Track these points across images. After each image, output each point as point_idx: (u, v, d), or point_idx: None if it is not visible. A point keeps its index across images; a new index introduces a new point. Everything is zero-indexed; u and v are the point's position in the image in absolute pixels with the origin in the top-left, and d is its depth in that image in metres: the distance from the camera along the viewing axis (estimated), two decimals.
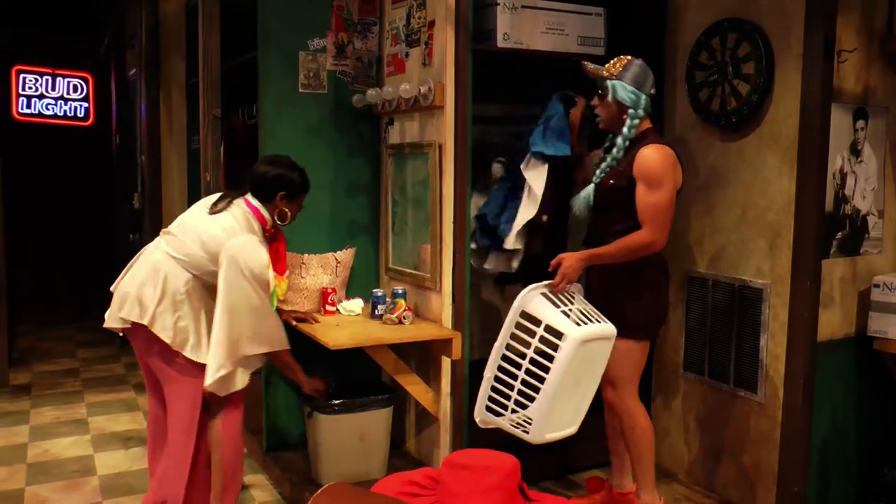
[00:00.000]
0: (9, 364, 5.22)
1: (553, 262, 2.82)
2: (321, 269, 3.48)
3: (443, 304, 3.22)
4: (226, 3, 3.56)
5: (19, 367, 5.53)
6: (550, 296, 2.71)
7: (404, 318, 3.23)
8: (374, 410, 3.28)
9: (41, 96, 7.02)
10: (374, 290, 3.40)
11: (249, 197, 2.80)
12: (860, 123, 3.29)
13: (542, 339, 2.58)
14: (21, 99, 6.77)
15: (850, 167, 3.29)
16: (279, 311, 2.94)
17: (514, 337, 2.66)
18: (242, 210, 2.77)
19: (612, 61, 2.93)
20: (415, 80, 3.32)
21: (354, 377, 3.47)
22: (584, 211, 3.01)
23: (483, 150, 3.57)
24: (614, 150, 2.92)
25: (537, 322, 2.62)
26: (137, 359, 2.88)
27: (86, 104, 7.25)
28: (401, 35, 3.47)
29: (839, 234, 3.29)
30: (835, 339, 3.31)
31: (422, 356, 3.36)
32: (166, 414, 2.84)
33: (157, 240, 2.80)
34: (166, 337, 2.66)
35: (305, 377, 3.02)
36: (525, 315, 2.65)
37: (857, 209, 3.34)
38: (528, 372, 2.59)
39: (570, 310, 2.68)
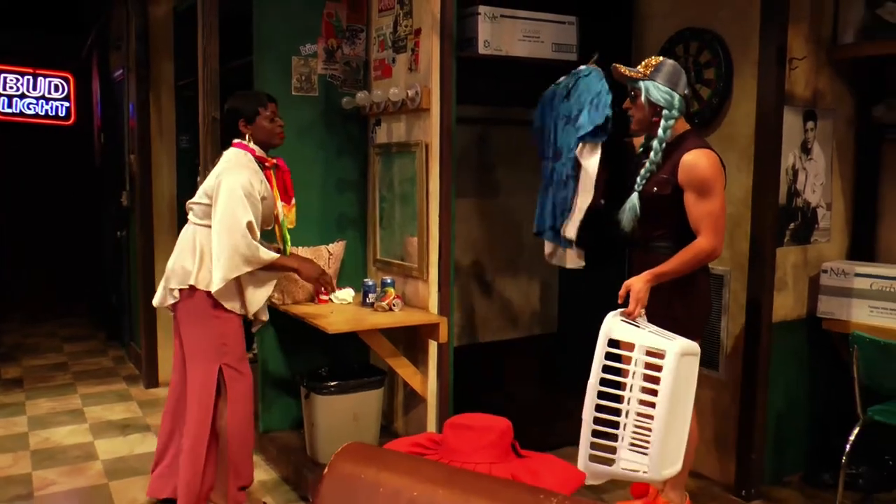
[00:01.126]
0: None
1: (622, 290, 2.73)
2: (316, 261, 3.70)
3: (429, 291, 3.47)
4: (223, 10, 3.76)
5: (8, 361, 5.66)
6: (629, 322, 2.60)
7: (394, 305, 3.47)
8: (367, 391, 3.52)
9: (22, 96, 7.13)
10: (365, 280, 3.64)
11: (234, 142, 3.10)
12: (810, 124, 3.61)
13: (642, 364, 2.42)
14: (2, 99, 6.87)
15: (802, 164, 3.61)
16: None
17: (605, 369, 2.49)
18: (229, 152, 3.08)
19: (643, 62, 2.88)
20: (402, 84, 3.56)
21: (348, 361, 3.71)
22: (632, 223, 2.92)
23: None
24: (652, 155, 2.85)
25: (617, 347, 2.49)
26: (175, 337, 3.16)
27: (67, 104, 7.36)
28: (388, 41, 3.70)
29: (792, 225, 3.61)
30: (788, 320, 3.63)
31: (410, 341, 3.61)
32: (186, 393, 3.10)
33: (186, 226, 3.11)
34: (209, 287, 2.93)
35: (298, 260, 3.17)
36: (611, 344, 2.49)
37: (807, 202, 3.66)
38: (633, 402, 2.42)
39: (651, 331, 2.55)
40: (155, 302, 3.15)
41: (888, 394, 3.32)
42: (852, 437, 3.35)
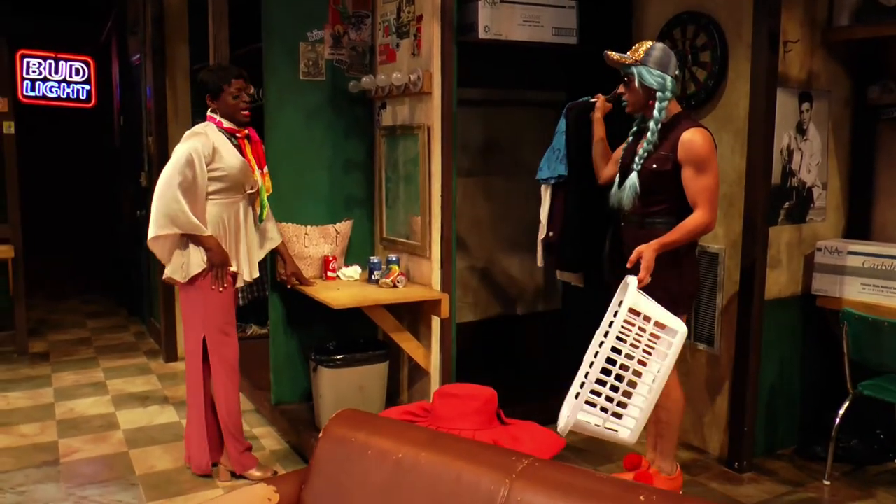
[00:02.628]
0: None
1: (633, 256, 2.86)
2: (322, 240, 3.85)
3: (432, 269, 3.60)
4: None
5: (35, 336, 5.88)
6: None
7: (398, 281, 3.61)
8: (372, 365, 3.67)
9: (45, 79, 7.31)
10: (371, 258, 3.77)
11: (207, 113, 3.30)
12: (805, 105, 3.68)
13: (648, 335, 2.53)
14: (25, 82, 7.06)
15: (797, 144, 3.69)
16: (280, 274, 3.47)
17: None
18: (199, 125, 3.27)
19: (633, 47, 3.01)
20: (405, 69, 3.67)
21: (354, 335, 3.86)
22: (632, 201, 3.02)
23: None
24: (649, 135, 2.97)
25: (630, 318, 2.56)
26: None
27: (87, 87, 7.54)
28: (392, 27, 3.81)
29: (786, 204, 3.69)
30: (782, 297, 3.72)
31: (413, 316, 3.75)
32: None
33: None
34: (175, 276, 3.19)
35: (215, 242, 3.21)
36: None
37: (802, 182, 3.74)
38: (631, 371, 2.52)
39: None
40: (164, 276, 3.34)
41: (877, 369, 3.42)
42: (842, 411, 3.46)
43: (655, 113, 2.95)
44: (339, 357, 3.59)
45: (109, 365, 5.27)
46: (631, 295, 2.55)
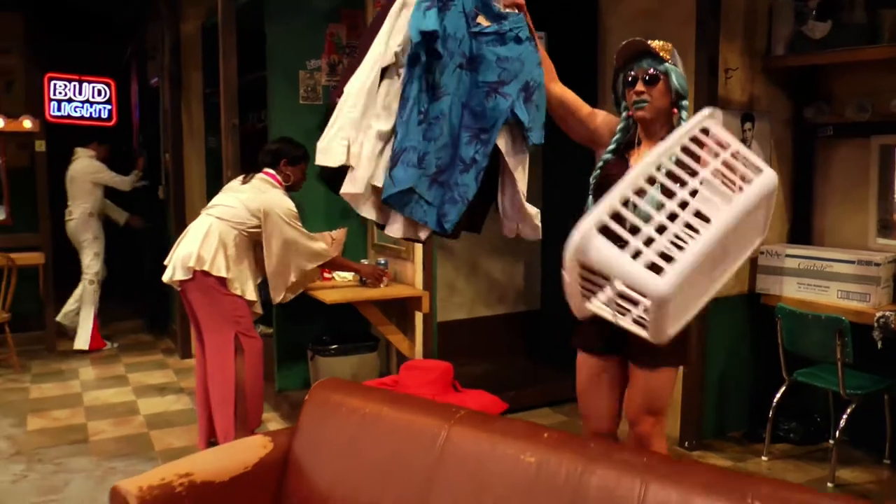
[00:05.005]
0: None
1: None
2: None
3: (415, 270, 4.08)
4: (240, 29, 4.39)
5: (60, 337, 6.37)
6: None
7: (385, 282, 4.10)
8: (363, 354, 4.16)
9: (69, 100, 7.86)
10: (363, 261, 4.26)
11: (266, 168, 3.71)
12: (748, 125, 4.14)
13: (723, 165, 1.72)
14: (52, 103, 7.60)
15: None
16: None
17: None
18: (262, 177, 3.71)
19: (658, 43, 2.43)
20: None
21: (348, 329, 4.34)
22: None
23: None
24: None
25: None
26: (188, 313, 3.75)
27: (108, 106, 8.08)
28: None
29: None
30: (730, 296, 4.17)
31: (400, 313, 4.23)
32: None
33: (200, 218, 3.68)
34: (223, 273, 3.55)
35: (362, 266, 3.99)
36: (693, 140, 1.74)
37: None
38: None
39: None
40: (165, 278, 3.70)
41: (807, 357, 3.86)
42: (778, 396, 3.90)
43: (682, 122, 2.37)
44: (333, 347, 4.08)
45: (129, 361, 5.77)
46: (703, 116, 1.76)
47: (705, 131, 1.77)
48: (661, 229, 1.66)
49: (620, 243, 1.63)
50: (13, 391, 4.98)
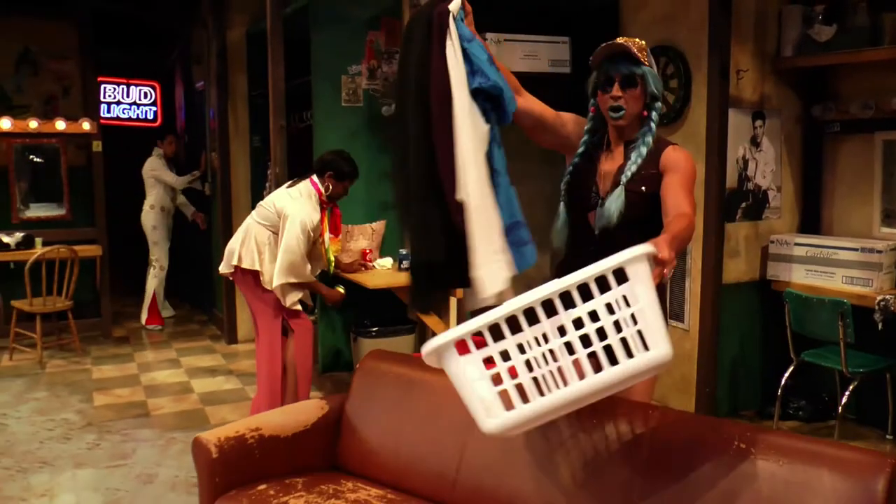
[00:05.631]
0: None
1: (662, 253, 1.76)
2: (361, 236, 4.70)
3: None
4: (286, 38, 4.76)
5: (115, 325, 6.82)
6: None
7: None
8: (401, 336, 4.52)
9: (118, 102, 8.33)
10: (401, 250, 4.61)
11: (313, 176, 4.02)
12: (758, 122, 4.43)
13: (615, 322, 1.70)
14: (103, 105, 8.05)
15: (752, 155, 4.43)
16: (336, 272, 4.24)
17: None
18: (306, 184, 4.02)
19: (634, 43, 2.37)
20: None
21: (387, 313, 4.69)
22: (619, 219, 2.30)
23: None
24: (643, 149, 2.34)
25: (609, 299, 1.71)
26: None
27: (154, 108, 8.54)
28: None
29: (743, 204, 4.44)
30: (742, 282, 4.46)
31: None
32: None
33: (252, 212, 4.05)
34: (257, 268, 3.91)
35: (326, 289, 4.13)
36: (616, 276, 1.69)
37: (758, 185, 4.48)
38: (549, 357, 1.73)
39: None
40: (221, 270, 4.09)
41: (812, 338, 4.13)
42: (786, 376, 4.19)
43: (653, 125, 2.38)
44: (374, 329, 4.44)
45: (180, 346, 6.18)
46: (630, 257, 1.68)
47: (621, 273, 1.69)
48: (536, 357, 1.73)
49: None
50: (78, 372, 5.41)
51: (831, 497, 1.77)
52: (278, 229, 3.93)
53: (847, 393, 3.89)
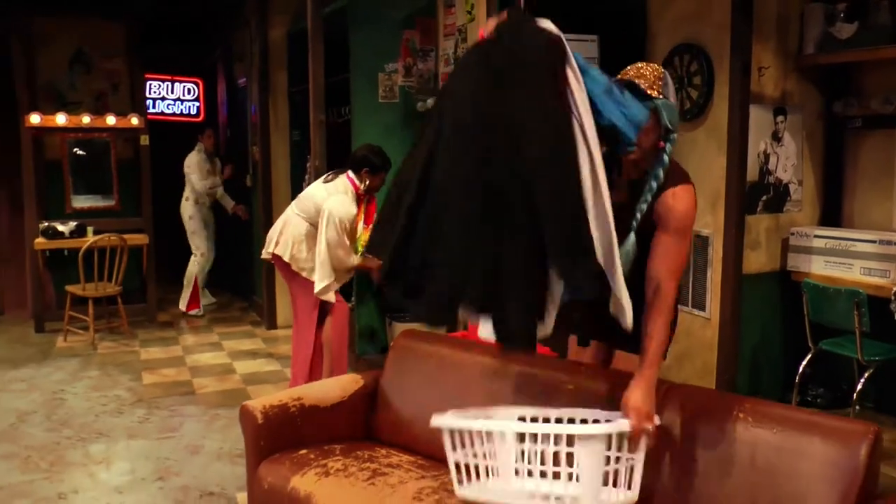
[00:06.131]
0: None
1: (635, 416, 2.04)
2: None
3: None
4: (326, 37, 5.00)
5: (159, 311, 7.14)
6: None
7: None
8: None
9: (162, 98, 8.67)
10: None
11: (349, 171, 4.25)
12: (780, 118, 4.56)
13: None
14: (149, 101, 8.38)
15: (773, 149, 4.57)
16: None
17: None
18: (342, 179, 4.24)
19: (645, 73, 2.31)
20: None
21: None
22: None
23: None
24: (653, 184, 2.25)
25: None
26: None
27: (197, 104, 8.87)
28: (450, 59, 4.86)
29: (764, 197, 4.57)
30: (763, 272, 4.59)
31: None
32: None
33: (292, 203, 4.31)
34: (288, 259, 4.17)
35: (372, 262, 4.19)
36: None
37: (779, 179, 4.61)
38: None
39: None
40: (263, 255, 4.37)
41: (830, 327, 4.26)
42: (804, 364, 4.32)
43: (665, 157, 2.26)
44: (408, 314, 4.65)
45: (222, 331, 6.48)
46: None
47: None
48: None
49: None
50: (127, 353, 5.72)
51: (818, 460, 1.95)
52: (316, 222, 4.15)
53: (863, 380, 4.01)
